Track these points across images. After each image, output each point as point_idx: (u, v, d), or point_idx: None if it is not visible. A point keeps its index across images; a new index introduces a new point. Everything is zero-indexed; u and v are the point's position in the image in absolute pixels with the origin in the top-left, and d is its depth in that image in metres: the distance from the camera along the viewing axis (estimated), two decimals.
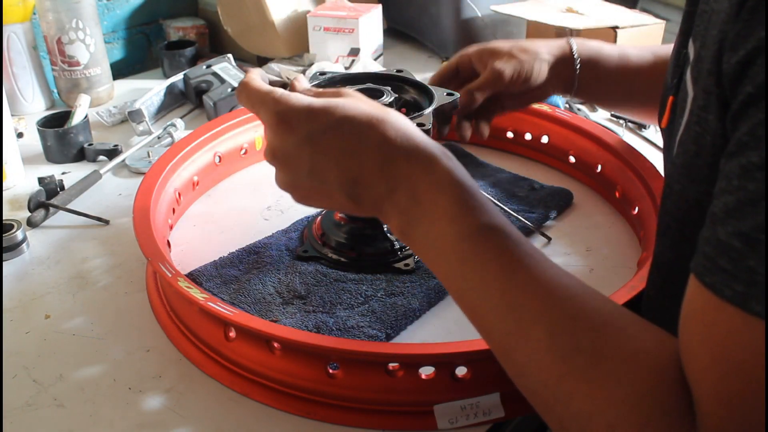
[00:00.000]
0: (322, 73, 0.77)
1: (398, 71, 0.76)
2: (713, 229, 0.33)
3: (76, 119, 1.00)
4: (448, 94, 0.70)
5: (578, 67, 0.77)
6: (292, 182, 0.50)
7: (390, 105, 0.68)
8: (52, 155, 0.99)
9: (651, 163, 0.82)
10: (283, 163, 0.50)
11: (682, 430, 0.34)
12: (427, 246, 0.46)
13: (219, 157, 0.91)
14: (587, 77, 0.78)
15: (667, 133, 0.51)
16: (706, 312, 0.33)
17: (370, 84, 0.73)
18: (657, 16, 1.29)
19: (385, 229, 0.75)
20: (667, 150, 0.51)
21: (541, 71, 0.76)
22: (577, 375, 0.37)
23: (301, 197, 0.52)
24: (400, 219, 0.47)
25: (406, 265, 0.73)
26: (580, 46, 0.78)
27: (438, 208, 0.45)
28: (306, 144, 0.47)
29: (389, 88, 0.72)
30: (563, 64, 0.77)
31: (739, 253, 0.31)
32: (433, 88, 0.71)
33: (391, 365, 0.55)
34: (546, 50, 0.76)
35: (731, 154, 0.33)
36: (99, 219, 0.84)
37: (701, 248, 0.33)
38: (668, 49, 0.79)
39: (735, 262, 0.31)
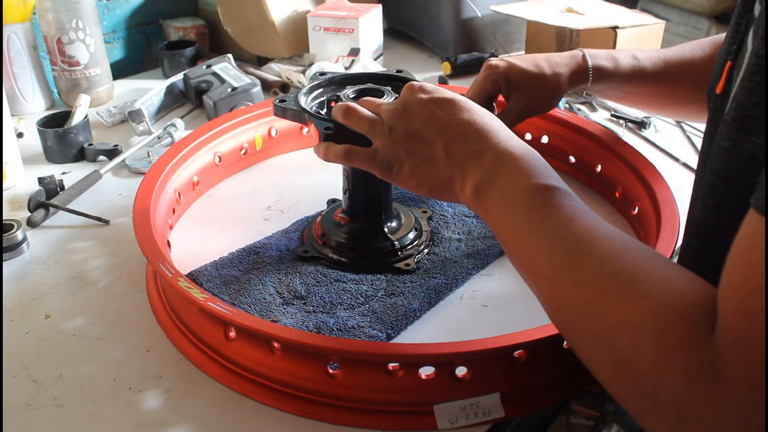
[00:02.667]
0: (322, 73, 0.77)
1: (398, 71, 0.76)
2: None
3: (76, 119, 1.00)
4: None
5: (590, 78, 0.80)
6: (408, 131, 0.57)
7: None
8: (52, 155, 0.99)
9: (651, 163, 0.82)
10: (404, 113, 0.57)
11: (696, 336, 0.36)
12: (499, 199, 0.51)
13: (219, 157, 0.91)
14: (596, 88, 0.82)
15: (722, 98, 0.53)
16: (755, 238, 0.35)
17: (371, 84, 0.73)
18: (657, 16, 1.29)
19: (386, 230, 0.75)
20: (719, 114, 0.52)
21: (560, 96, 0.80)
22: (615, 291, 0.41)
23: (408, 149, 0.57)
24: (481, 175, 0.53)
25: (407, 265, 0.73)
26: (593, 59, 0.80)
27: (520, 168, 0.51)
28: (431, 102, 0.57)
29: (389, 88, 0.72)
30: (578, 79, 0.80)
31: None
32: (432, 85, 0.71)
33: (391, 365, 0.55)
34: (566, 72, 0.79)
35: None
36: (99, 219, 0.84)
37: (763, 184, 0.34)
38: (675, 51, 0.81)
39: None
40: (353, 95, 0.72)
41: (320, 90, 0.75)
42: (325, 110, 0.73)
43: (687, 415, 0.36)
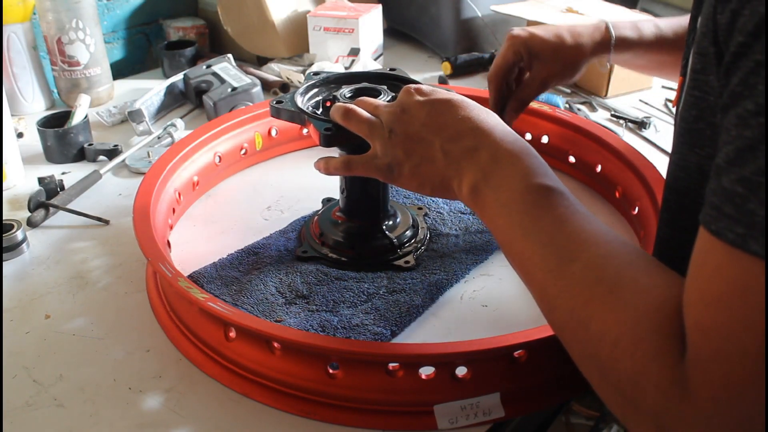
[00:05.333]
0: (316, 73, 0.77)
1: (391, 70, 0.76)
2: (718, 179, 0.34)
3: (76, 119, 1.00)
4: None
5: (612, 49, 0.81)
6: (407, 133, 0.57)
7: None
8: (52, 155, 0.99)
9: (651, 163, 0.82)
10: (403, 116, 0.58)
11: (670, 350, 0.37)
12: (494, 199, 0.51)
13: (219, 157, 0.91)
14: (620, 58, 0.83)
15: (677, 112, 0.54)
16: (705, 254, 0.35)
17: (366, 83, 0.73)
18: (657, 16, 1.29)
19: (384, 227, 0.75)
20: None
21: (582, 65, 0.81)
22: (598, 300, 0.41)
23: (407, 151, 0.57)
24: (476, 174, 0.53)
25: (407, 262, 0.73)
26: (617, 30, 0.81)
27: (514, 167, 0.51)
28: (428, 104, 0.57)
29: (385, 87, 0.72)
30: (600, 49, 0.81)
31: (742, 198, 0.33)
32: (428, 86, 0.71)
33: (391, 365, 0.55)
34: (588, 42, 0.80)
35: (726, 107, 0.35)
36: (99, 219, 0.84)
37: (708, 199, 0.35)
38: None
39: (738, 206, 0.33)
40: (350, 95, 0.72)
41: (316, 90, 0.75)
42: (320, 110, 0.73)
43: (663, 426, 0.37)
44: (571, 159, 0.92)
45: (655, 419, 0.37)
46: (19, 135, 1.06)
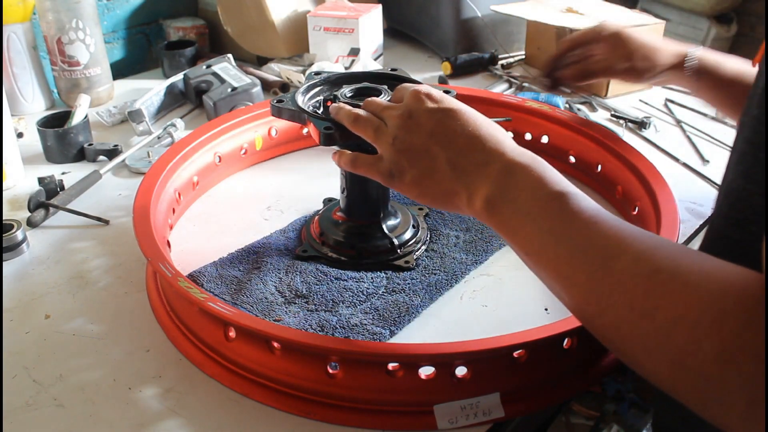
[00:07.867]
0: (318, 73, 0.77)
1: (393, 70, 0.76)
2: None
3: (76, 119, 1.00)
4: (445, 92, 0.70)
5: (686, 66, 0.85)
6: (413, 142, 0.57)
7: None
8: (52, 155, 0.99)
9: (651, 163, 0.82)
10: (409, 122, 0.57)
11: (759, 319, 0.36)
12: (513, 211, 0.51)
13: (219, 157, 0.91)
14: (700, 87, 0.86)
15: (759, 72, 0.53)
16: None
17: (367, 83, 0.73)
18: (657, 16, 1.29)
19: (384, 228, 0.75)
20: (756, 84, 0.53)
21: (651, 72, 0.86)
22: (661, 288, 0.40)
23: (411, 160, 0.57)
24: (490, 188, 0.52)
25: (406, 262, 0.73)
26: (697, 55, 0.84)
27: (530, 178, 0.51)
28: (437, 113, 0.57)
29: (386, 87, 0.72)
30: (675, 67, 0.85)
31: None
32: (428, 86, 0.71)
33: (391, 365, 0.55)
34: (670, 56, 0.85)
35: None
36: (99, 219, 0.84)
37: None
38: None
39: None
40: (350, 94, 0.72)
41: (317, 89, 0.75)
42: (321, 110, 0.73)
43: (758, 399, 0.36)
44: (571, 159, 0.92)
45: (749, 393, 0.36)
46: (19, 135, 1.06)
